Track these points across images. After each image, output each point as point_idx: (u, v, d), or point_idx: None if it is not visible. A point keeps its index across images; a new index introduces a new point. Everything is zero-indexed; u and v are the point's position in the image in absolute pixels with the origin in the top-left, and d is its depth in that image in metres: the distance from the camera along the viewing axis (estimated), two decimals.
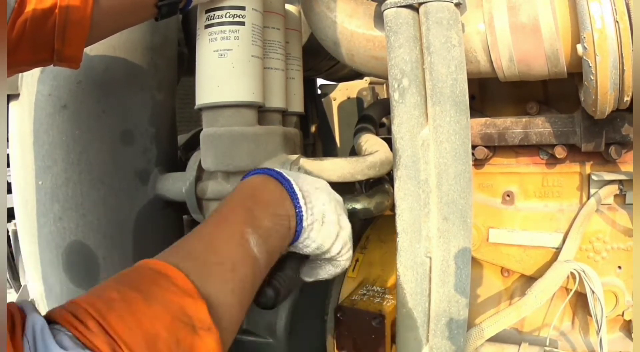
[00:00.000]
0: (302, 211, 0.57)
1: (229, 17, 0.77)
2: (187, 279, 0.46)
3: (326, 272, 0.65)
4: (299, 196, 0.57)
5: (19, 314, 0.40)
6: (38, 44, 0.62)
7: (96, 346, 0.39)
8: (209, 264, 0.50)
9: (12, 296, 1.09)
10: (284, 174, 0.58)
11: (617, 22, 0.60)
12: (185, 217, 1.04)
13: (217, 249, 0.52)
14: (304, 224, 0.58)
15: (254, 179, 0.60)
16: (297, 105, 0.98)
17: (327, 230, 0.59)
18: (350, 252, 0.65)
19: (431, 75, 0.65)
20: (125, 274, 0.48)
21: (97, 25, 0.65)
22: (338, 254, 0.63)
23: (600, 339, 0.74)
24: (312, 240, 0.59)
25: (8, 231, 1.08)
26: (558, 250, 0.83)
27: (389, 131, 0.71)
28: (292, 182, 0.58)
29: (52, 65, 0.67)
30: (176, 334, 0.43)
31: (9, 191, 0.95)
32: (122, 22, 0.73)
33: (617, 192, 0.81)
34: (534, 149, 0.86)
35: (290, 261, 0.64)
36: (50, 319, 0.41)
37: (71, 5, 0.61)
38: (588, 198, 0.83)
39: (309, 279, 0.67)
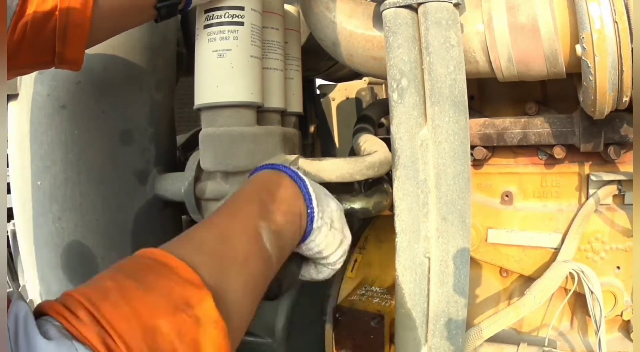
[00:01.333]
0: (314, 212, 0.56)
1: (228, 17, 0.77)
2: (189, 269, 0.43)
3: (321, 274, 0.66)
4: (313, 197, 0.56)
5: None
6: (39, 47, 0.62)
7: (85, 337, 0.35)
8: (221, 258, 0.47)
9: None
10: (299, 173, 0.57)
11: (616, 22, 0.60)
12: (184, 217, 1.04)
13: (229, 242, 0.49)
14: (314, 225, 0.57)
15: (268, 173, 0.59)
16: (296, 105, 0.97)
17: (333, 236, 0.59)
18: (344, 258, 0.65)
19: (430, 75, 0.64)
20: (121, 263, 0.44)
21: (97, 28, 0.65)
22: (337, 260, 0.64)
23: (599, 340, 0.74)
24: (316, 244, 0.59)
25: (7, 231, 1.08)
26: (557, 250, 0.83)
27: (388, 131, 0.71)
28: (307, 182, 0.57)
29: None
30: (178, 327, 0.39)
31: (8, 191, 0.95)
32: (122, 24, 0.73)
33: (616, 192, 0.81)
34: (532, 149, 0.86)
35: (294, 256, 0.64)
36: (40, 311, 0.39)
37: (71, 8, 0.61)
38: (587, 198, 0.83)
39: (302, 279, 0.68)
